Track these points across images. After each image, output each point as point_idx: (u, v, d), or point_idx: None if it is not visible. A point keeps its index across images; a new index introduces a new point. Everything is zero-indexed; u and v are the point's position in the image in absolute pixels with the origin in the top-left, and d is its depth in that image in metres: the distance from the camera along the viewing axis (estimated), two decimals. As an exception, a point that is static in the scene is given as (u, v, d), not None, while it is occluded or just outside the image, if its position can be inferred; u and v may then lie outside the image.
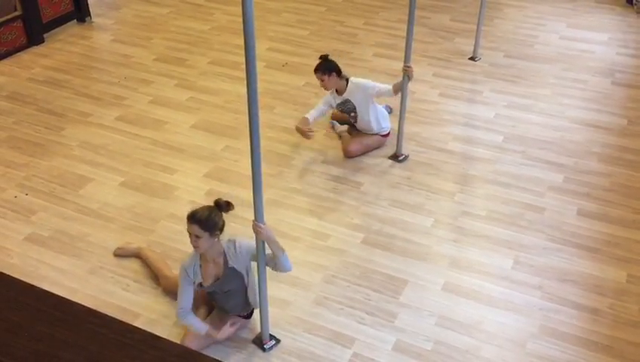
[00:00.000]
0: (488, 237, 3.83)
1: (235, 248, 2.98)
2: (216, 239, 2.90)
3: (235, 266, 2.99)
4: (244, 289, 3.08)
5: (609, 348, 3.14)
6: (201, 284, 3.03)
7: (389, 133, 4.64)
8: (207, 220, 2.84)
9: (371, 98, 4.42)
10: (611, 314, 3.33)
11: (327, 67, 4.36)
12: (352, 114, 4.53)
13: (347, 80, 4.42)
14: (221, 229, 2.90)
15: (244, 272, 3.02)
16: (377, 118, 4.53)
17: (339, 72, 4.39)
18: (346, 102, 4.47)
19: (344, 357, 3.08)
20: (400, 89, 4.31)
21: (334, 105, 4.52)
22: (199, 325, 3.02)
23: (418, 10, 4.32)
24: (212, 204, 2.93)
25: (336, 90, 4.46)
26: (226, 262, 2.99)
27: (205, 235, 2.84)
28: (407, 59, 4.17)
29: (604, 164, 4.48)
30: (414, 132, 4.77)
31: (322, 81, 4.39)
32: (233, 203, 2.94)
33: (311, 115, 4.43)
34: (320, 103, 4.53)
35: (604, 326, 3.26)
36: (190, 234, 2.87)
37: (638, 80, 5.59)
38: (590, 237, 3.83)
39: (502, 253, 3.71)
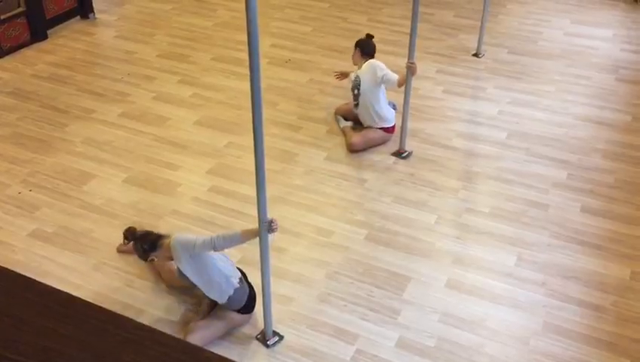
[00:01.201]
0: (492, 234, 3.82)
1: (172, 248, 3.03)
2: (158, 251, 3.06)
3: (177, 265, 3.04)
4: (206, 281, 3.07)
5: (613, 344, 3.14)
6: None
7: (393, 129, 4.62)
8: (140, 257, 3.17)
9: (378, 82, 4.44)
10: (615, 311, 3.33)
11: (357, 42, 4.61)
12: (356, 91, 4.57)
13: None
14: (149, 246, 3.06)
15: (182, 268, 3.02)
16: (380, 107, 4.53)
17: (363, 51, 4.58)
18: (357, 77, 4.57)
19: (347, 354, 3.08)
20: (404, 83, 4.31)
21: (352, 79, 4.65)
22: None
23: (422, 6, 4.31)
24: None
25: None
26: None
27: (147, 261, 3.15)
28: (410, 55, 4.17)
29: (609, 161, 4.47)
30: (418, 128, 4.76)
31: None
32: (236, 199, 2.95)
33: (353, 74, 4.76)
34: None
35: (607, 323, 3.25)
36: None
37: (642, 76, 5.58)
38: (594, 234, 3.83)
39: (505, 250, 3.71)
